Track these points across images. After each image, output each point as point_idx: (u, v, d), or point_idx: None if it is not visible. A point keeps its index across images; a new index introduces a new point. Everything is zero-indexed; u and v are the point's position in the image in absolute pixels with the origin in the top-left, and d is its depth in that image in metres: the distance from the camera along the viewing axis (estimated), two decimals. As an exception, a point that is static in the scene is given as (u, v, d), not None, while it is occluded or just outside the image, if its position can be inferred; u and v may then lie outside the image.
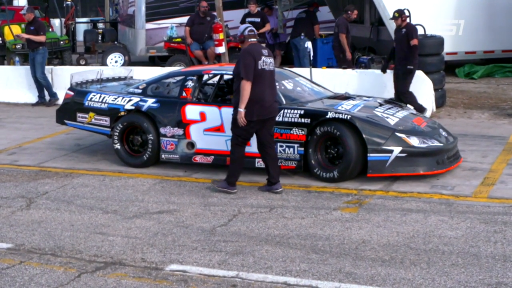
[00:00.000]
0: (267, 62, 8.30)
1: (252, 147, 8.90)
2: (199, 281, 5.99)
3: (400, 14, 11.99)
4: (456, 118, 12.60)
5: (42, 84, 15.00)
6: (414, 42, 11.84)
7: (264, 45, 8.93)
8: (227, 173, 8.53)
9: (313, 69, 12.71)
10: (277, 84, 9.42)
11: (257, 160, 8.94)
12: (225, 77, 9.85)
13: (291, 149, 8.83)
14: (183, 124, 9.37)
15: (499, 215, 7.42)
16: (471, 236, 6.86)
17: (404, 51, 12.00)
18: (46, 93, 15.14)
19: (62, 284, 6.00)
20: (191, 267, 6.27)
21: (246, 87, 8.10)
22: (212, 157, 9.26)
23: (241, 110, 8.13)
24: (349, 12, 14.37)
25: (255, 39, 8.43)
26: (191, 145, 9.38)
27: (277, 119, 8.83)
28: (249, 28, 8.45)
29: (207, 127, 9.29)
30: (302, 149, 8.76)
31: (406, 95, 12.02)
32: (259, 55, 8.24)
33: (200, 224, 7.42)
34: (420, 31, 13.84)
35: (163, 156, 9.54)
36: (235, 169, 8.48)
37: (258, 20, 16.59)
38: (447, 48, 14.49)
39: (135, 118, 9.68)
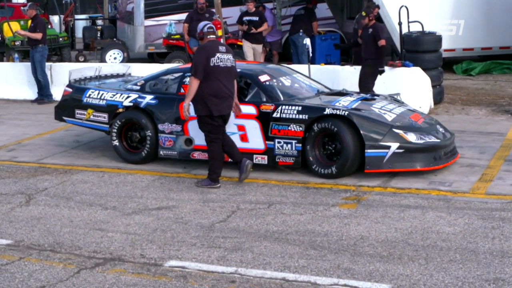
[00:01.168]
0: (223, 58, 8.44)
1: (250, 143, 8.97)
2: (198, 277, 6.01)
3: (367, 14, 11.90)
4: (454, 114, 12.61)
5: (41, 83, 14.99)
6: (382, 42, 11.62)
7: (261, 46, 9.00)
8: (208, 171, 8.63)
9: (312, 66, 12.71)
10: (275, 81, 9.49)
11: (255, 156, 8.97)
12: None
13: (289, 145, 8.84)
14: (181, 120, 9.37)
15: (496, 211, 7.44)
16: (469, 232, 6.88)
17: (369, 50, 11.78)
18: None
19: (61, 280, 6.02)
20: (190, 263, 6.29)
21: (193, 84, 8.35)
22: (211, 153, 9.27)
23: (186, 104, 8.44)
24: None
25: (214, 36, 8.59)
26: (189, 141, 9.39)
27: (275, 115, 8.87)
28: (208, 25, 8.64)
29: (206, 123, 9.31)
30: (300, 145, 8.78)
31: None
32: (213, 52, 8.40)
33: (199, 220, 7.44)
34: (418, 28, 13.86)
35: (161, 152, 9.55)
36: (214, 166, 8.59)
37: (256, 18, 16.56)
38: (445, 45, 14.49)
39: (133, 114, 9.69)
